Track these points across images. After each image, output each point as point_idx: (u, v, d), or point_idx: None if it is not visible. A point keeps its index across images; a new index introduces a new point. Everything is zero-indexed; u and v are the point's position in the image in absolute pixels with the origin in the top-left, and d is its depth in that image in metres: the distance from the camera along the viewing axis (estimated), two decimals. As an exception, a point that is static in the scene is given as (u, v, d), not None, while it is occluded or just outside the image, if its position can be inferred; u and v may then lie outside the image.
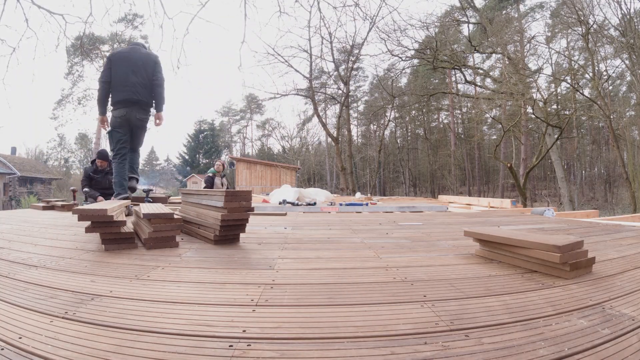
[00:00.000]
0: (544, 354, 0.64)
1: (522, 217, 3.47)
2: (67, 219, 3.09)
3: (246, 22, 7.28)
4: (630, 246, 1.73)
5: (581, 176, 27.32)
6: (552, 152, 12.76)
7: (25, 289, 1.03)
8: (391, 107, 23.42)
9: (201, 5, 6.56)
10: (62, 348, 0.66)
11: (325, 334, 0.74)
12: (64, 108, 27.21)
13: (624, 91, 22.56)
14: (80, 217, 1.56)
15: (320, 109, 23.99)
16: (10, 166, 21.53)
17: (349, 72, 19.66)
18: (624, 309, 0.86)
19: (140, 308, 0.88)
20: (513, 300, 0.93)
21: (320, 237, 2.08)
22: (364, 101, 33.86)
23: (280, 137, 35.94)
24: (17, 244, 1.82)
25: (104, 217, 1.57)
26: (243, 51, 19.43)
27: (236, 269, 1.28)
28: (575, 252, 1.18)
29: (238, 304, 0.91)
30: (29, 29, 6.44)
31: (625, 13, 11.97)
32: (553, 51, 17.96)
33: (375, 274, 1.23)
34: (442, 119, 33.22)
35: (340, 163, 18.47)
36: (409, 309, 0.88)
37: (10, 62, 6.43)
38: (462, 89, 23.97)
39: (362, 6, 15.53)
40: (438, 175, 30.38)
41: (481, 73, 16.97)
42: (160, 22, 7.11)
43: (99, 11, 30.07)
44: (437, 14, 19.32)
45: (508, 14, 19.23)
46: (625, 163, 13.20)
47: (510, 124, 13.13)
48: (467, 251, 1.60)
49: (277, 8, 17.51)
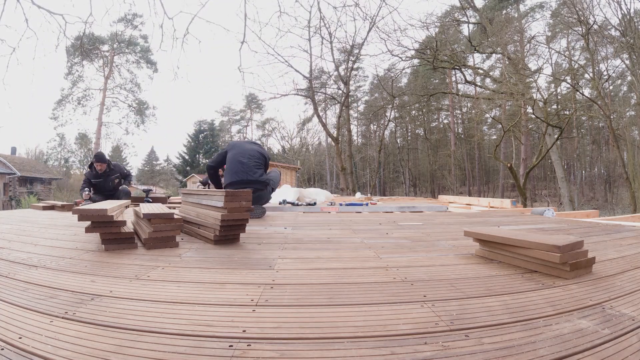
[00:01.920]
0: (544, 354, 0.64)
1: (522, 217, 3.46)
2: (67, 219, 3.09)
3: (246, 22, 7.28)
4: (630, 246, 1.73)
5: (581, 176, 27.32)
6: (552, 152, 12.75)
7: (25, 289, 1.03)
8: (391, 107, 23.43)
9: (201, 5, 6.56)
10: (62, 348, 0.66)
11: (325, 334, 0.74)
12: (64, 108, 27.23)
13: (624, 91, 22.56)
14: (80, 218, 1.56)
15: (320, 109, 23.98)
16: (10, 166, 21.53)
17: (349, 72, 19.66)
18: (624, 309, 0.86)
19: (140, 308, 0.88)
20: (513, 300, 0.93)
21: (320, 237, 2.08)
22: (364, 101, 33.85)
23: (280, 137, 35.96)
24: (17, 244, 1.82)
25: (104, 217, 1.57)
26: (243, 51, 19.42)
27: (236, 269, 1.28)
28: (575, 252, 1.17)
29: (238, 304, 0.91)
30: (29, 29, 6.44)
31: (625, 13, 11.97)
32: (553, 51, 17.97)
33: (375, 274, 1.23)
34: (442, 119, 33.21)
35: (340, 163, 18.47)
36: (409, 309, 0.88)
37: (10, 62, 6.44)
38: (462, 89, 23.97)
39: (362, 6, 15.55)
40: (438, 175, 30.38)
41: (481, 73, 16.97)
42: (160, 22, 7.11)
43: (99, 11, 30.12)
44: (437, 14, 19.32)
45: (508, 14, 19.22)
46: (625, 163, 13.20)
47: (510, 124, 13.13)
48: (467, 251, 1.60)
49: (277, 8, 17.51)
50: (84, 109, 28.08)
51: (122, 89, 28.39)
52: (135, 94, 28.95)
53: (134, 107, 28.97)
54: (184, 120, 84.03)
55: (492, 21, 14.44)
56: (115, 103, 28.32)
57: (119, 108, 29.25)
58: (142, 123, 29.51)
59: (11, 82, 6.52)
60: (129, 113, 29.22)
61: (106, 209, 1.59)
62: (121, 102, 28.53)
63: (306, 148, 35.72)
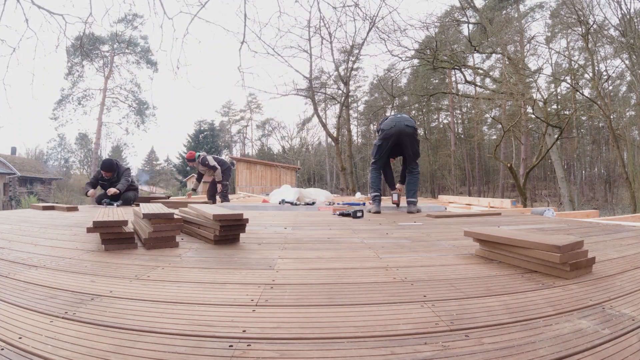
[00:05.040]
0: (544, 354, 0.64)
1: (522, 217, 3.46)
2: (67, 219, 3.09)
3: (246, 22, 7.26)
4: (630, 246, 1.72)
5: (581, 176, 27.32)
6: (552, 152, 12.75)
7: (25, 289, 1.03)
8: (391, 107, 23.42)
9: (201, 5, 6.56)
10: (62, 348, 0.66)
11: (325, 334, 0.74)
12: (64, 108, 27.26)
13: (624, 91, 22.58)
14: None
15: (320, 109, 23.97)
16: (10, 166, 21.54)
17: (349, 72, 19.65)
18: (624, 309, 0.86)
19: (140, 308, 0.88)
20: (513, 300, 0.93)
21: (320, 237, 2.08)
22: (364, 101, 33.86)
23: (280, 137, 35.96)
24: (17, 244, 1.82)
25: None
26: (243, 51, 19.41)
27: (236, 269, 1.28)
28: (576, 252, 1.17)
29: (238, 304, 0.91)
30: (29, 29, 6.43)
31: (625, 13, 11.97)
32: (553, 51, 17.98)
33: (375, 274, 1.23)
34: (442, 119, 33.22)
35: (340, 163, 18.47)
36: (409, 309, 0.88)
37: (10, 62, 6.43)
38: (462, 89, 23.98)
39: (362, 6, 15.49)
40: (438, 175, 30.38)
41: (481, 73, 16.97)
42: (160, 22, 7.11)
43: (99, 11, 30.07)
44: (437, 14, 19.32)
45: (508, 14, 19.23)
46: (625, 163, 13.20)
47: (510, 124, 13.13)
48: (467, 251, 1.60)
49: (277, 8, 17.47)
50: (84, 109, 28.12)
51: (122, 89, 28.43)
52: (135, 94, 28.98)
53: (134, 107, 28.99)
54: (184, 120, 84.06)
55: (492, 21, 14.44)
56: (115, 103, 28.36)
57: (119, 108, 29.29)
58: (142, 123, 29.54)
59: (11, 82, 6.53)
60: (129, 113, 29.26)
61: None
62: (121, 102, 28.56)
63: (306, 148, 35.74)
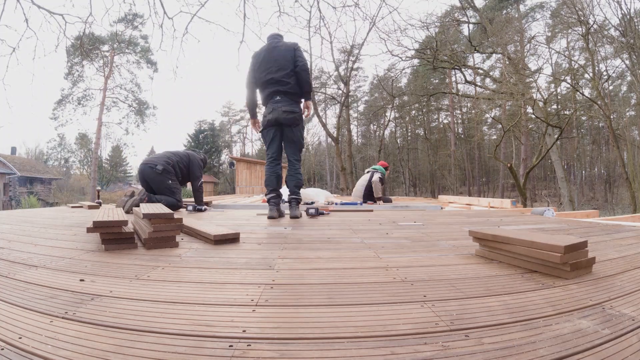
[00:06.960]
0: (544, 354, 0.64)
1: (522, 217, 3.46)
2: (67, 219, 3.09)
3: (246, 22, 7.27)
4: (630, 246, 1.72)
5: (581, 176, 27.33)
6: (552, 152, 12.75)
7: (25, 289, 1.03)
8: (391, 107, 23.43)
9: (200, 5, 6.56)
10: (62, 348, 0.66)
11: (325, 334, 0.74)
12: (64, 108, 27.22)
13: (624, 91, 22.57)
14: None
15: (320, 109, 23.97)
16: (10, 166, 21.54)
17: (349, 72, 19.65)
18: (624, 309, 0.86)
19: (140, 308, 0.88)
20: (513, 300, 0.93)
21: (321, 237, 2.08)
22: (364, 101, 33.87)
23: (280, 137, 35.87)
24: (17, 244, 1.82)
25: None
26: (243, 51, 19.42)
27: (236, 269, 1.28)
28: (576, 252, 1.17)
29: (238, 304, 0.91)
30: (29, 29, 6.43)
31: (625, 13, 11.96)
32: (553, 51, 17.99)
33: (375, 274, 1.23)
34: (442, 119, 33.22)
35: (340, 163, 18.47)
36: (409, 309, 0.88)
37: (10, 62, 6.44)
38: (462, 89, 23.97)
39: (362, 6, 15.50)
40: (438, 175, 30.38)
41: (481, 73, 16.97)
42: (160, 22, 7.11)
43: (99, 11, 30.12)
44: (437, 14, 19.30)
45: (508, 14, 19.23)
46: (625, 163, 13.21)
47: (510, 124, 13.14)
48: (467, 251, 1.60)
49: (277, 8, 17.48)
50: (84, 109, 28.08)
51: (122, 89, 28.39)
52: (135, 94, 28.95)
53: (134, 107, 28.96)
54: (184, 120, 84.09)
55: (492, 21, 14.44)
56: (115, 103, 28.32)
57: (119, 108, 29.24)
58: (142, 123, 29.50)
59: (11, 82, 6.51)
60: (129, 113, 29.22)
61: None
62: (121, 102, 28.52)
63: (306, 148, 35.71)
